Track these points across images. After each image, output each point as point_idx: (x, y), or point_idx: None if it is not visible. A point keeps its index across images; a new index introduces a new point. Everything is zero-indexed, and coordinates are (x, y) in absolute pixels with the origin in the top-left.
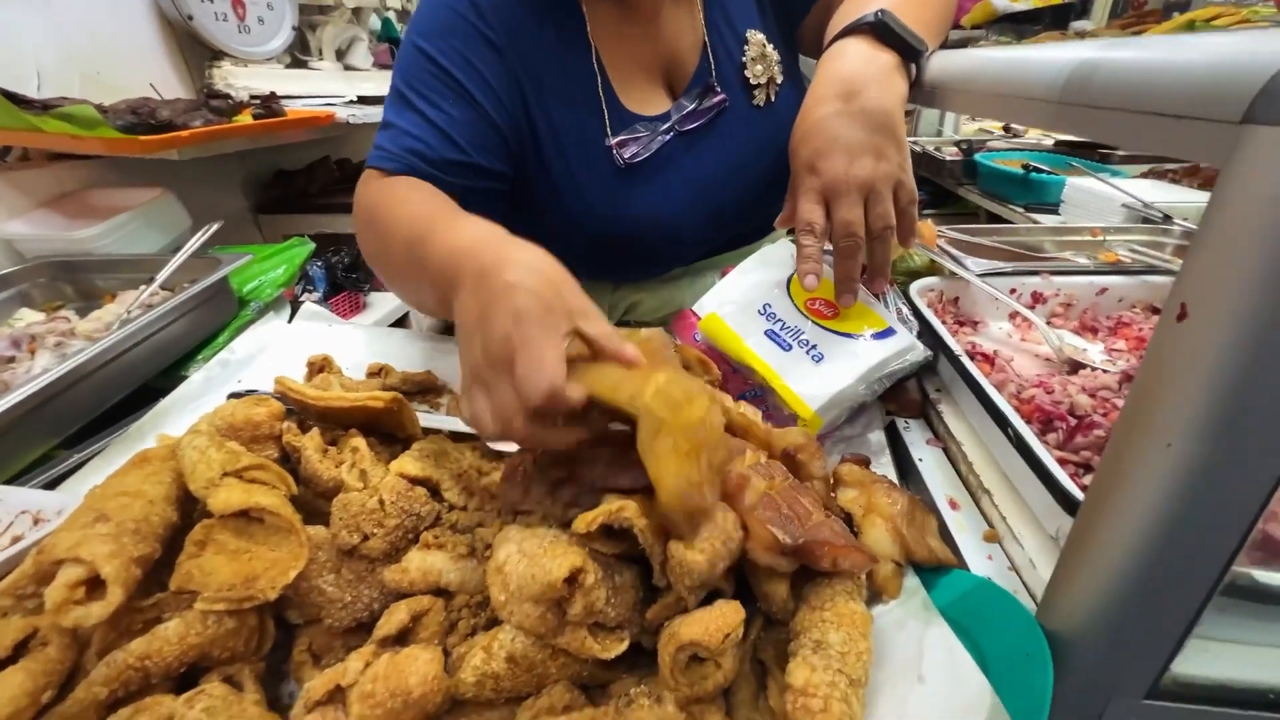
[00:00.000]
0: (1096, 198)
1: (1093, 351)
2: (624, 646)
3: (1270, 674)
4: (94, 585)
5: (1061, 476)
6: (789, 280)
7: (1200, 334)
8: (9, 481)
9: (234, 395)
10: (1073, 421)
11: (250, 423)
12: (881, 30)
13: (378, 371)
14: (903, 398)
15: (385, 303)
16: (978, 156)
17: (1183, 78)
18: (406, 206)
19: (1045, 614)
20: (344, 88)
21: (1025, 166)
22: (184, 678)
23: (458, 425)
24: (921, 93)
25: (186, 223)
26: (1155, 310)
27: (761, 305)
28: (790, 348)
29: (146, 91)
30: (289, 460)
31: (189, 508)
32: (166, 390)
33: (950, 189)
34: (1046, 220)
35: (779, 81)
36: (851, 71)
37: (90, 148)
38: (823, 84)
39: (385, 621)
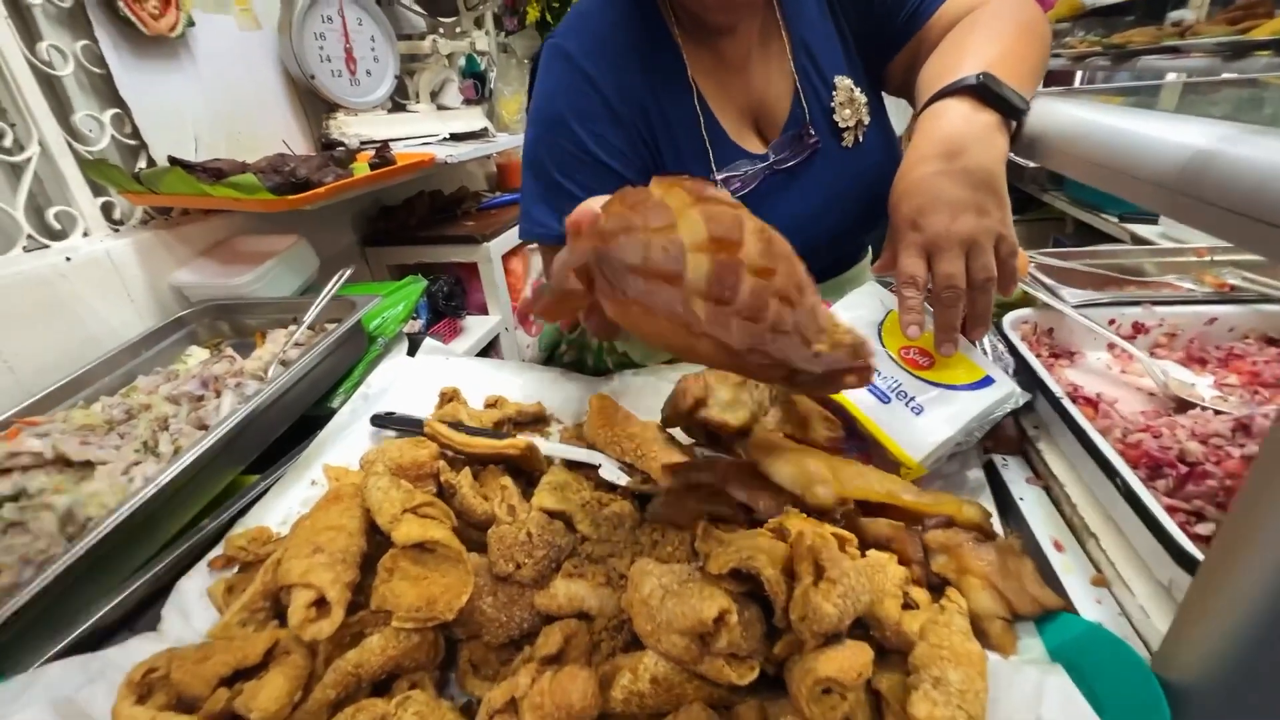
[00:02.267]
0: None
1: (1201, 386)
2: (755, 674)
3: None
4: (320, 604)
5: (1174, 530)
6: (880, 327)
7: None
8: (210, 506)
9: (376, 420)
10: (1183, 469)
11: (415, 463)
12: (983, 92)
13: (494, 403)
14: (1000, 434)
15: (480, 326)
16: None
17: None
18: None
19: (1162, 664)
20: (438, 126)
21: None
22: (376, 685)
23: (571, 453)
24: (1023, 146)
25: (315, 264)
26: (1271, 341)
27: None
28: (889, 399)
29: (278, 146)
30: (443, 494)
31: (375, 537)
32: (318, 419)
33: (1033, 195)
34: (1144, 231)
35: (866, 123)
36: (952, 131)
37: (250, 207)
38: (924, 144)
39: (544, 642)
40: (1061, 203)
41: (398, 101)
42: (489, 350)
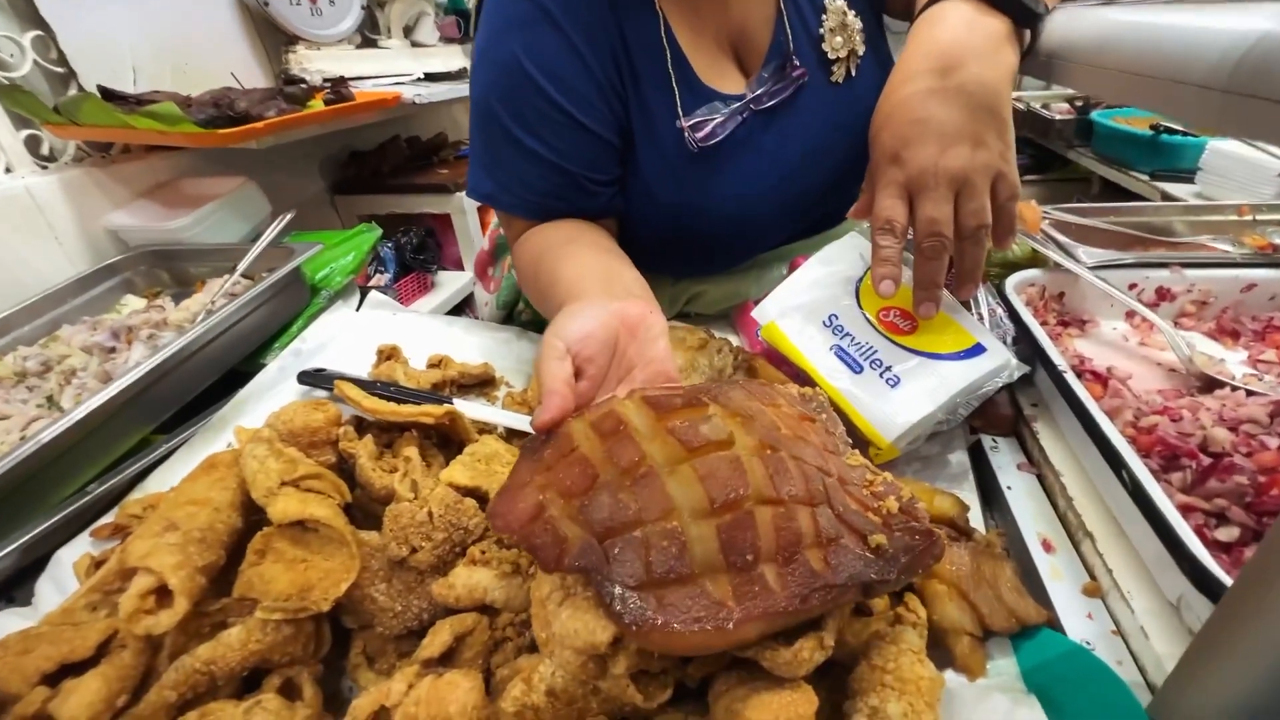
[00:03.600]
0: (1245, 165)
1: (1232, 362)
2: (667, 695)
3: None
4: (164, 593)
5: (1187, 535)
6: (858, 286)
7: None
8: (111, 467)
9: (304, 377)
10: (1205, 461)
11: (308, 429)
12: None
13: (438, 363)
14: (991, 413)
15: (453, 282)
16: (1094, 114)
17: None
18: (543, 264)
19: (1161, 707)
20: (412, 65)
21: (1154, 127)
22: (247, 678)
23: (514, 421)
24: (1036, 63)
25: (267, 209)
26: None
27: (828, 316)
28: (861, 369)
29: (231, 80)
30: (346, 464)
31: (254, 512)
32: (250, 375)
33: (1059, 152)
34: (1178, 190)
35: (860, 53)
36: (951, 40)
37: (176, 141)
38: (915, 55)
39: (429, 642)
40: (1088, 160)
41: (368, 36)
42: (462, 309)
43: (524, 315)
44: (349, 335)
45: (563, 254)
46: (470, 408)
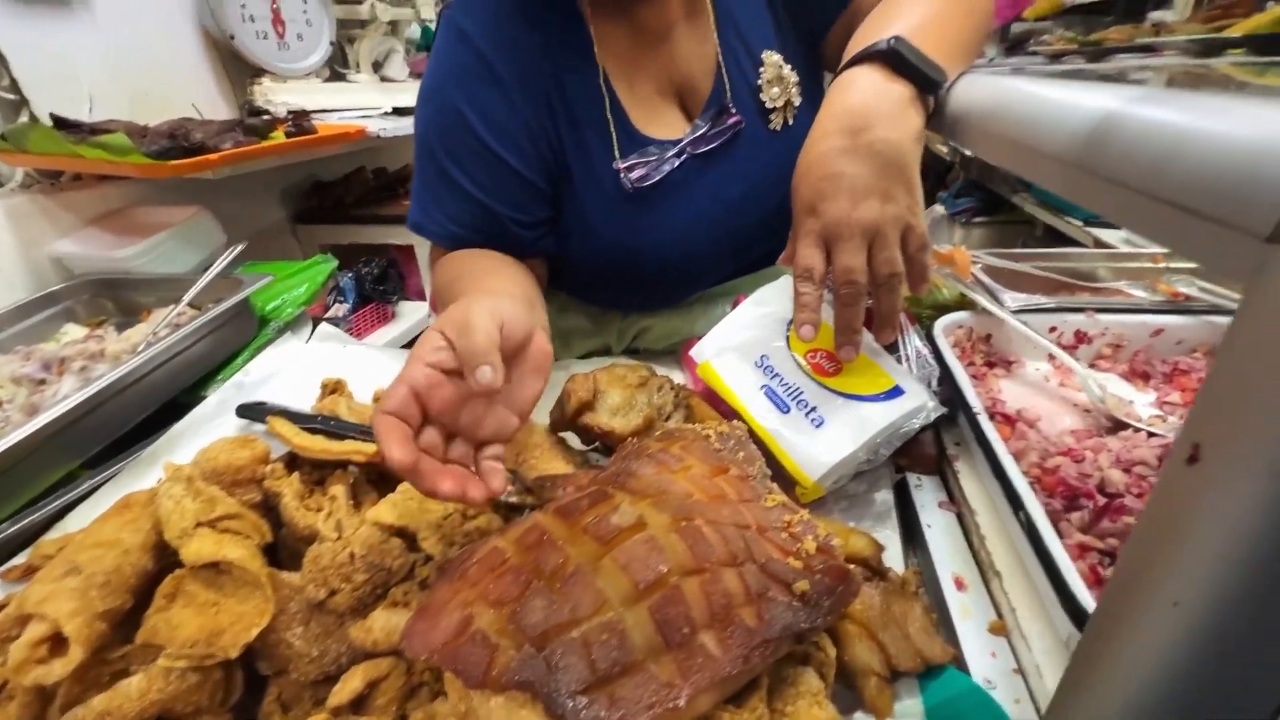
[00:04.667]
0: None
1: (1140, 404)
2: None
3: None
4: (60, 641)
5: (1070, 575)
6: (789, 326)
7: (1216, 481)
8: (32, 503)
9: (243, 411)
10: (1101, 501)
11: (232, 466)
12: (895, 59)
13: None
14: (916, 452)
15: (415, 313)
16: None
17: (1209, 162)
18: (456, 287)
19: None
20: (380, 99)
21: None
22: None
23: None
24: (944, 124)
25: (221, 239)
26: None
27: (759, 357)
28: (789, 409)
29: (191, 111)
30: (273, 502)
31: (168, 554)
32: (192, 409)
33: (1005, 196)
34: (1107, 236)
35: (796, 104)
36: (860, 104)
37: (125, 171)
38: (828, 116)
39: (339, 689)
40: (1030, 205)
41: (337, 70)
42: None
43: None
44: (296, 368)
45: (484, 273)
46: None
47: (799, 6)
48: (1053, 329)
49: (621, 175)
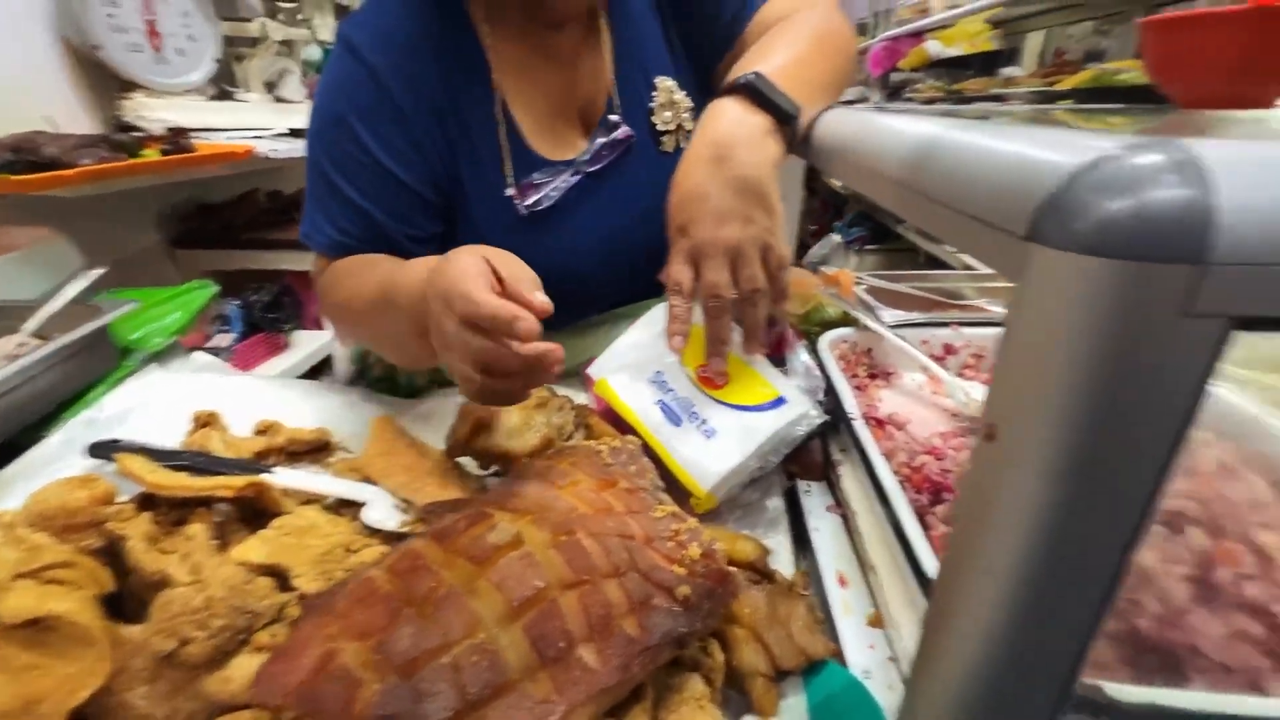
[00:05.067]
0: None
1: None
2: None
3: None
4: None
5: (926, 559)
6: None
7: (1009, 456)
8: None
9: (97, 450)
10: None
11: (65, 509)
12: (753, 93)
13: (265, 429)
14: (805, 459)
15: (311, 342)
16: None
17: (989, 176)
18: (360, 278)
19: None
20: (274, 120)
21: None
22: None
23: (345, 490)
24: (810, 153)
25: (77, 264)
26: None
27: (654, 372)
28: (681, 421)
29: (44, 124)
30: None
31: None
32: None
33: (891, 226)
34: (975, 260)
35: (688, 129)
36: (724, 133)
37: None
38: (697, 144)
39: None
40: (912, 234)
41: (225, 89)
42: (320, 372)
43: (376, 370)
44: (162, 402)
45: (394, 263)
46: (295, 477)
47: (692, 39)
48: (924, 342)
49: (514, 202)
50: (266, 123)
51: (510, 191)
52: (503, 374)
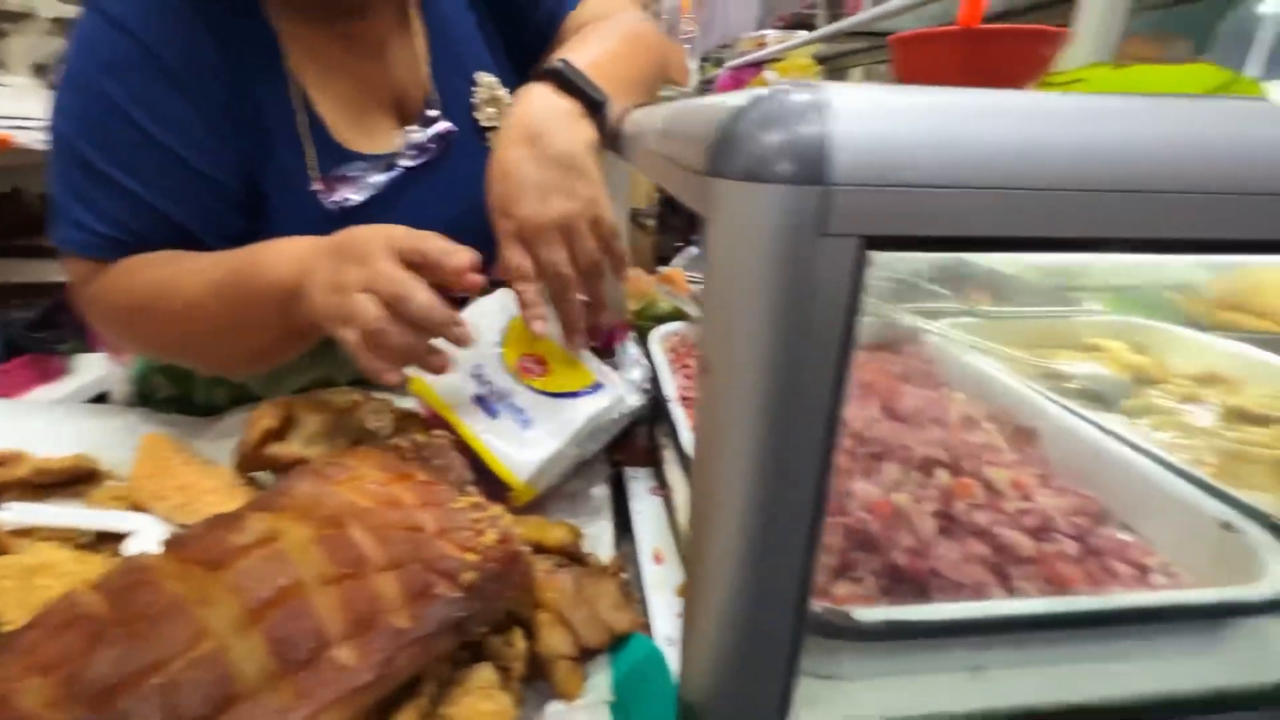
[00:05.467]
0: None
1: None
2: None
3: (891, 705)
4: None
5: None
6: (503, 335)
7: (719, 385)
8: None
9: None
10: None
11: None
12: (560, 79)
13: (5, 460)
14: (630, 446)
15: (97, 366)
16: None
17: (692, 127)
18: (173, 271)
19: (683, 686)
20: (42, 108)
21: None
22: None
23: (102, 521)
24: (619, 146)
25: None
26: (867, 348)
27: (473, 366)
28: (498, 413)
29: None
30: None
31: None
32: None
33: None
34: None
35: None
36: (535, 114)
37: None
38: (510, 127)
39: None
40: None
41: None
42: (107, 398)
43: (161, 392)
44: None
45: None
46: (36, 511)
47: (509, 37)
48: None
49: (319, 197)
50: (32, 110)
51: (316, 186)
52: (415, 323)
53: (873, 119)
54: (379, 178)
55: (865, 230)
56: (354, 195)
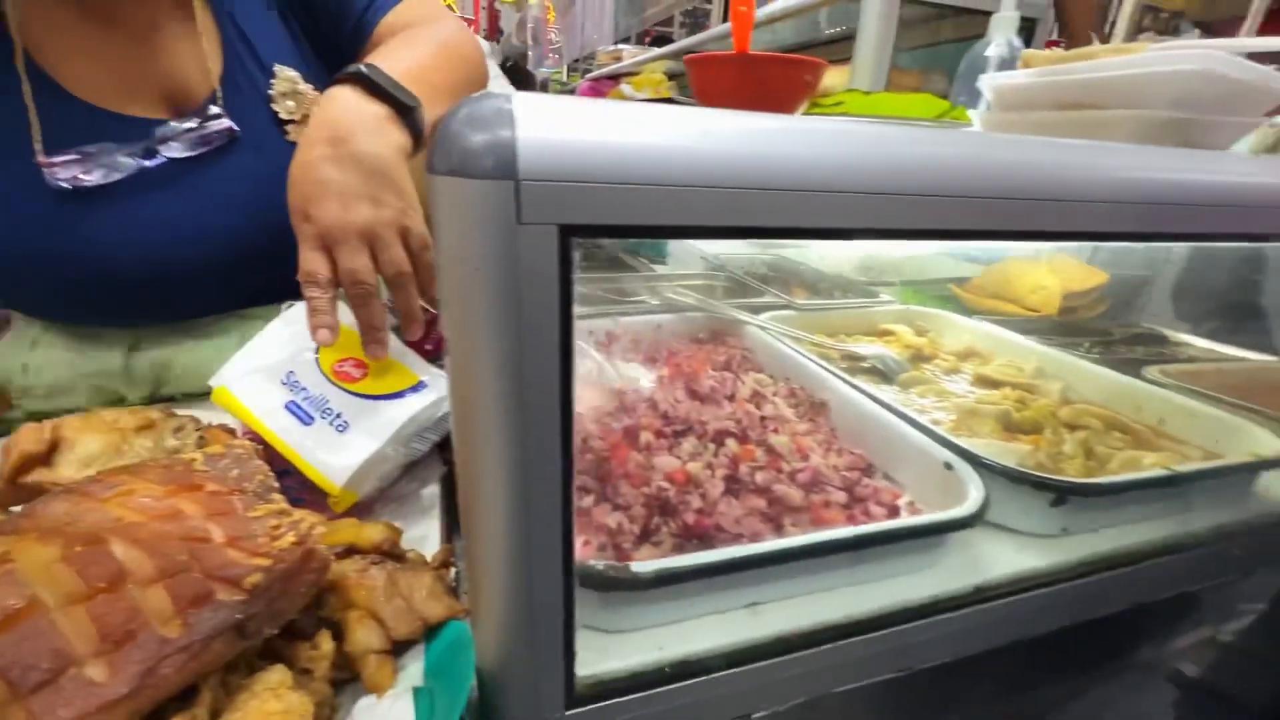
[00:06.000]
0: (689, 252)
1: (645, 380)
2: None
3: (665, 651)
4: None
5: None
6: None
7: (458, 366)
8: None
9: None
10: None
11: None
12: (366, 82)
13: None
14: None
15: None
16: None
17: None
18: None
19: (478, 657)
20: None
21: None
22: None
23: None
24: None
25: None
26: (696, 340)
27: (286, 373)
28: (313, 420)
29: None
30: None
31: None
32: None
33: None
34: (659, 269)
35: None
36: (340, 116)
37: None
38: (312, 128)
39: None
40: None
41: None
42: None
43: None
44: None
45: None
46: None
47: (319, 37)
48: (591, 333)
49: (46, 171)
50: None
51: (41, 160)
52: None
53: (553, 126)
54: (126, 160)
55: (557, 219)
56: (87, 176)
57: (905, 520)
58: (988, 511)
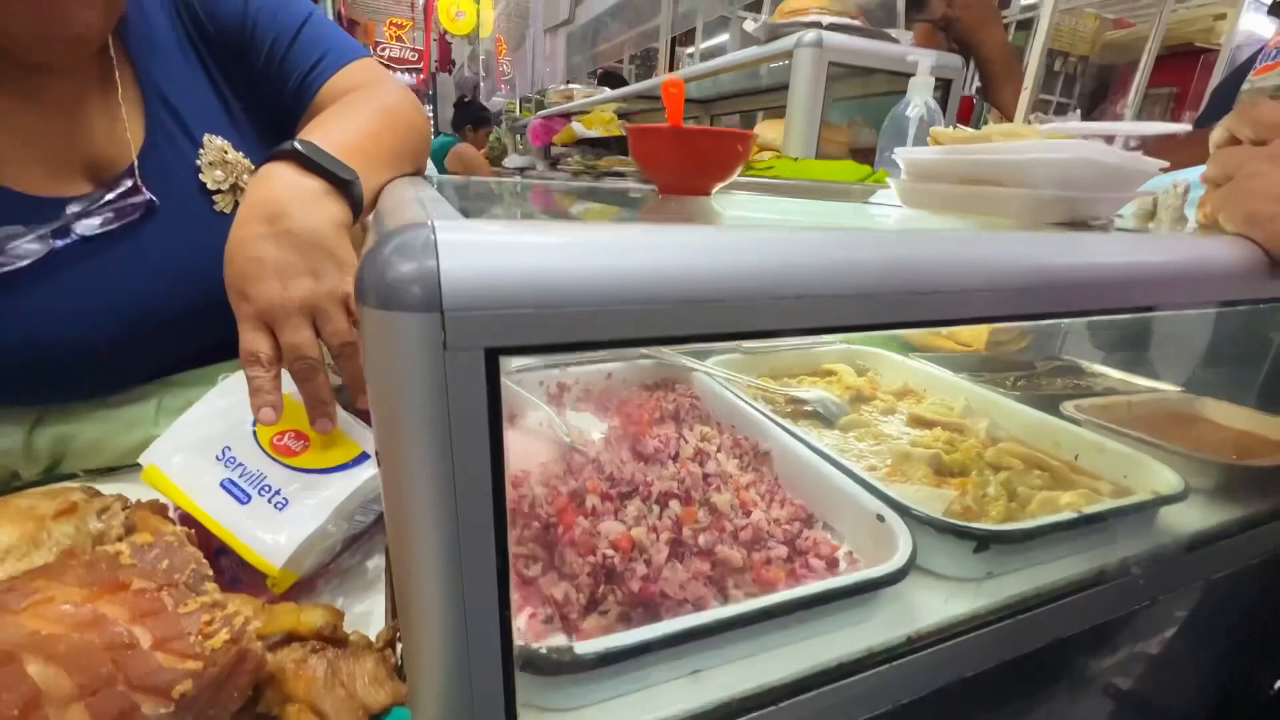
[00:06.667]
0: None
1: (596, 432)
2: None
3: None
4: None
5: None
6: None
7: (388, 478)
8: None
9: None
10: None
11: None
12: (300, 158)
13: None
14: None
15: None
16: None
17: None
18: None
19: None
20: None
21: None
22: None
23: None
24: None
25: None
26: (646, 388)
27: (221, 449)
28: (249, 498)
29: None
30: None
31: None
32: None
33: None
34: None
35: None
36: (275, 194)
37: None
38: (246, 207)
39: None
40: None
41: None
42: None
43: None
44: None
45: None
46: None
47: (262, 105)
48: (542, 383)
49: None
50: None
51: None
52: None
53: (466, 254)
54: (32, 246)
55: (483, 344)
56: (5, 263)
57: (835, 580)
58: (915, 563)
